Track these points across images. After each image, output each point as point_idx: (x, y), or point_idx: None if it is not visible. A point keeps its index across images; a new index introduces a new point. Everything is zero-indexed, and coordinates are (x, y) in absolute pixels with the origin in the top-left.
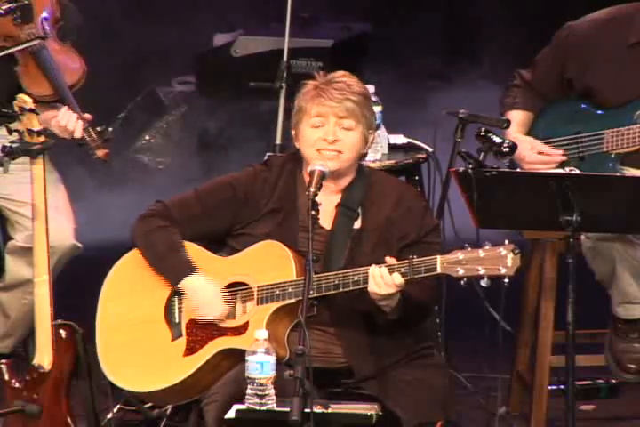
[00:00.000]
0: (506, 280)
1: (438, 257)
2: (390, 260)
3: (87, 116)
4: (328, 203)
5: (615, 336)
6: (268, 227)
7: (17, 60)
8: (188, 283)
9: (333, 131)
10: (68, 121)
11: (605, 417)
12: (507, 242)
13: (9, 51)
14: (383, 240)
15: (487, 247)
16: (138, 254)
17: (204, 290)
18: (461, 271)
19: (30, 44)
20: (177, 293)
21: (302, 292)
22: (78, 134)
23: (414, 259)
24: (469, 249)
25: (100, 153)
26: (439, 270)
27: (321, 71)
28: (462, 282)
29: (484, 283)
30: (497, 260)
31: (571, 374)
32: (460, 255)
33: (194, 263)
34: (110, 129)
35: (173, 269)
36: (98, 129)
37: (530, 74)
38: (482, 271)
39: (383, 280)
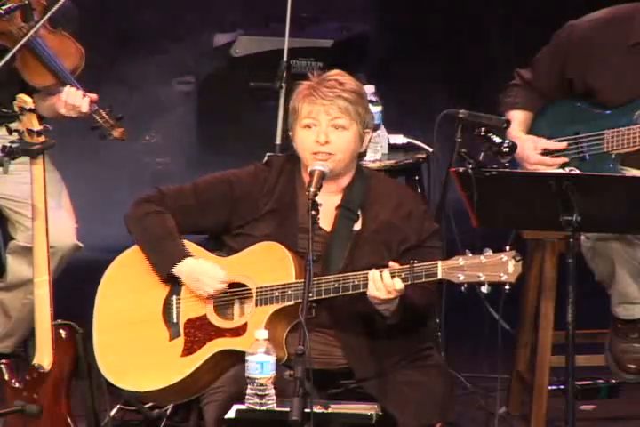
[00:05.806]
0: (507, 287)
1: (439, 262)
2: (393, 264)
3: (93, 95)
4: (328, 204)
5: (615, 336)
6: (268, 228)
7: (14, 57)
8: (182, 266)
9: (325, 131)
10: (75, 97)
11: (605, 417)
12: (508, 248)
13: (11, 53)
14: (383, 243)
15: (488, 253)
16: (135, 253)
17: (201, 266)
18: (462, 277)
19: (26, 38)
20: (175, 292)
21: (302, 292)
22: (85, 109)
23: (415, 264)
24: (470, 255)
25: (117, 133)
26: (440, 276)
27: (315, 71)
28: (463, 288)
29: (484, 289)
30: (498, 266)
31: (571, 374)
32: (461, 261)
33: (188, 250)
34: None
35: (168, 255)
36: (107, 110)
37: (529, 73)
38: (482, 278)
39: (383, 284)
